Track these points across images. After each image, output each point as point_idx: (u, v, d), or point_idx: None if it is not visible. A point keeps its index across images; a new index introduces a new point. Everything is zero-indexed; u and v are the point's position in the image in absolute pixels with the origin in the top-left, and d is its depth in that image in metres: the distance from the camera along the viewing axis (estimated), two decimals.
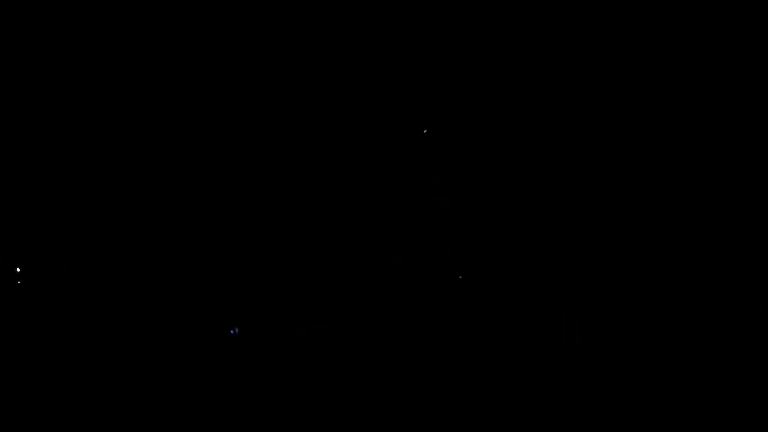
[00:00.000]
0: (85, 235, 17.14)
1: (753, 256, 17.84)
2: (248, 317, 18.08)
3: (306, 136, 24.20)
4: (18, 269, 16.37)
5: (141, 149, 20.82)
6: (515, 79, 22.54)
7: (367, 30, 21.97)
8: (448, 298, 21.77)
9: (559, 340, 17.30)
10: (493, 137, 24.60)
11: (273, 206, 23.05)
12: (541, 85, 22.71)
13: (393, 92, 25.20)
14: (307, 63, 23.03)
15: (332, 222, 24.09)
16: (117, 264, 16.57)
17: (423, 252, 24.75)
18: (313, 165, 24.26)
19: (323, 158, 24.39)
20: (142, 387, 13.91)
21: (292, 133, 24.01)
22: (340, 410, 12.00)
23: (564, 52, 21.41)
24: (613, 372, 14.90)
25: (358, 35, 22.15)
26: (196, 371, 14.60)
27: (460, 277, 20.36)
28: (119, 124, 20.44)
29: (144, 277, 16.49)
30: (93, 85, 19.78)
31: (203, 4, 19.86)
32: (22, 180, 16.91)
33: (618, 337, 18.55)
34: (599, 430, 12.96)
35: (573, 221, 21.98)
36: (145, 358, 14.85)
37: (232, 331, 13.01)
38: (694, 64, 19.94)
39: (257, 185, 23.11)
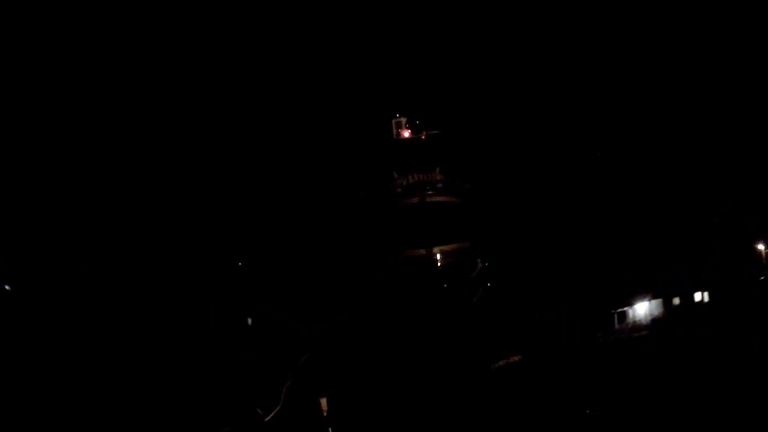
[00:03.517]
0: (85, 235, 17.11)
1: (752, 256, 17.74)
2: (248, 317, 17.99)
3: (306, 139, 23.95)
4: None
5: (142, 151, 20.67)
6: (514, 82, 22.35)
7: (368, 35, 21.82)
8: (448, 298, 21.62)
9: (559, 340, 17.27)
10: (492, 139, 24.33)
11: (273, 207, 22.83)
12: (540, 89, 22.49)
13: (394, 95, 24.80)
14: (309, 68, 22.81)
15: (332, 222, 23.87)
16: (117, 264, 16.54)
17: (423, 252, 24.55)
18: (314, 167, 23.97)
19: (323, 160, 24.12)
20: (142, 386, 13.87)
21: (292, 136, 23.76)
22: (341, 409, 11.97)
23: (562, 57, 21.25)
24: (613, 372, 14.88)
25: (361, 41, 22.00)
26: (197, 370, 14.55)
27: (489, 284, 20.29)
28: (120, 126, 20.31)
29: (144, 277, 16.46)
30: (94, 87, 19.63)
31: (213, 8, 19.74)
32: (22, 180, 16.89)
33: (618, 337, 18.42)
34: (599, 429, 12.95)
35: (573, 222, 21.84)
36: (145, 357, 14.81)
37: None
38: (693, 70, 19.79)
39: (258, 187, 22.88)
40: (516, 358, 14.73)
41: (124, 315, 16.09)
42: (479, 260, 25.47)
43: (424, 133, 31.82)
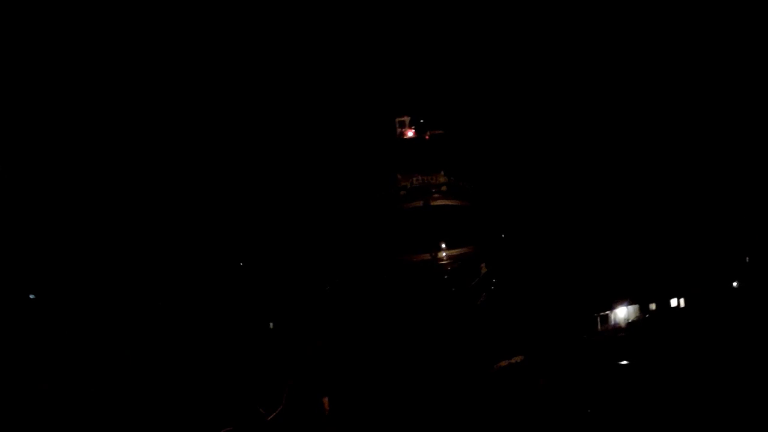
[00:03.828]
0: (85, 236, 17.07)
1: (752, 257, 17.75)
2: (248, 317, 17.95)
3: (307, 140, 23.92)
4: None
5: (142, 151, 20.62)
6: (519, 82, 22.31)
7: (370, 37, 21.80)
8: (448, 298, 21.52)
9: (559, 341, 17.24)
10: (493, 139, 24.33)
11: (274, 208, 22.81)
12: (541, 89, 22.47)
13: (397, 94, 24.70)
14: (312, 69, 22.78)
15: (333, 223, 23.78)
16: (117, 264, 16.51)
17: (423, 252, 24.45)
18: (314, 167, 23.95)
19: (324, 161, 24.08)
20: (144, 386, 13.85)
21: (293, 137, 23.73)
22: (342, 408, 11.98)
23: (563, 59, 21.23)
24: (614, 372, 14.88)
25: (363, 43, 21.98)
26: (199, 370, 14.54)
27: (492, 287, 20.17)
28: (121, 127, 20.26)
29: (144, 277, 16.42)
30: (94, 88, 19.59)
31: (213, 7, 19.72)
32: (22, 181, 16.86)
33: (617, 337, 18.42)
34: (599, 429, 12.96)
35: (573, 222, 21.77)
36: (146, 357, 14.79)
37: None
38: (692, 74, 19.79)
39: (259, 187, 22.85)
40: (518, 359, 14.73)
41: (125, 315, 16.08)
42: (483, 264, 25.43)
43: (428, 132, 31.73)
